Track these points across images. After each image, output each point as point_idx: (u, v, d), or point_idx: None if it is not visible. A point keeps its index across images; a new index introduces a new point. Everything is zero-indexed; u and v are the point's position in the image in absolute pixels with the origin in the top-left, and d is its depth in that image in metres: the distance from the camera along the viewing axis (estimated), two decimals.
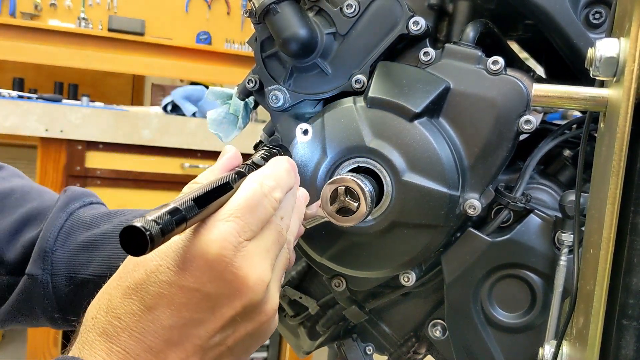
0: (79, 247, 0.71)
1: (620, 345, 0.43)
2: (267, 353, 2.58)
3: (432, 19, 0.64)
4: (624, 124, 0.40)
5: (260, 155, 0.57)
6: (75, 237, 0.71)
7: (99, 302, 0.47)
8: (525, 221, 0.60)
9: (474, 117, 0.59)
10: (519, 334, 0.62)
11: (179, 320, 0.45)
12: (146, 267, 0.45)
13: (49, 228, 0.71)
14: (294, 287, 0.73)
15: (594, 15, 0.60)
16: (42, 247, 0.70)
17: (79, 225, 0.72)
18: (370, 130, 0.59)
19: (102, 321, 0.45)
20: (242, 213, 0.46)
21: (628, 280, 0.42)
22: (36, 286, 0.69)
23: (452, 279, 0.62)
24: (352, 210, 0.55)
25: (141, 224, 0.38)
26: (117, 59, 3.06)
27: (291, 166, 0.55)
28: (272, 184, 0.49)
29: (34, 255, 0.70)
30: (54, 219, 0.72)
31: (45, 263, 0.69)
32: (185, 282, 0.44)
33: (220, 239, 0.44)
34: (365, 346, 0.74)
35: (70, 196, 0.76)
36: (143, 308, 0.44)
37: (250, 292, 0.46)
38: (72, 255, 0.70)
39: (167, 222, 0.39)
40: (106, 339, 0.44)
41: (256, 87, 0.66)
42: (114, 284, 0.47)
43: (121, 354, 0.44)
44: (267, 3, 0.59)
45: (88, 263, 0.70)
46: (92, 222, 0.73)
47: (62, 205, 0.73)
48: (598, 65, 0.43)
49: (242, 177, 0.50)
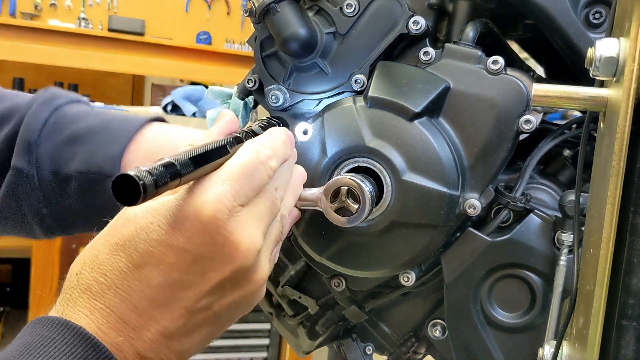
0: (64, 141, 0.69)
1: (620, 345, 0.43)
2: (267, 353, 2.58)
3: (432, 18, 0.64)
4: (624, 124, 0.40)
5: (258, 124, 0.56)
6: (60, 131, 0.69)
7: (84, 257, 0.45)
8: (525, 221, 0.60)
9: (474, 117, 0.59)
10: (518, 334, 0.62)
11: (166, 280, 0.44)
12: (136, 223, 0.44)
13: (32, 121, 0.68)
14: (294, 286, 0.73)
15: (594, 15, 0.60)
16: (25, 139, 0.67)
17: (64, 119, 0.70)
18: (370, 129, 0.59)
19: (86, 277, 0.44)
20: (238, 178, 0.45)
21: (628, 281, 0.42)
22: (22, 180, 0.68)
23: (452, 279, 0.62)
24: (350, 211, 0.55)
25: (134, 173, 0.37)
26: (117, 59, 3.06)
27: (288, 137, 0.54)
28: (268, 152, 0.49)
29: (18, 148, 0.67)
30: (37, 112, 0.69)
31: (30, 156, 0.67)
32: (175, 241, 0.43)
33: (214, 201, 0.43)
34: (365, 346, 0.74)
35: (54, 93, 0.73)
36: (130, 266, 0.43)
37: (241, 257, 0.45)
38: (57, 149, 0.68)
39: (160, 174, 0.38)
40: (90, 296, 0.43)
41: (256, 87, 0.66)
42: (102, 240, 0.45)
43: (105, 312, 0.43)
44: (266, 2, 0.59)
45: (71, 158, 0.68)
46: (78, 117, 0.70)
47: (46, 100, 0.71)
48: (598, 65, 0.43)
49: (239, 142, 0.50)
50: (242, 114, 0.70)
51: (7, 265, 3.30)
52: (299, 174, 0.57)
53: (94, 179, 0.66)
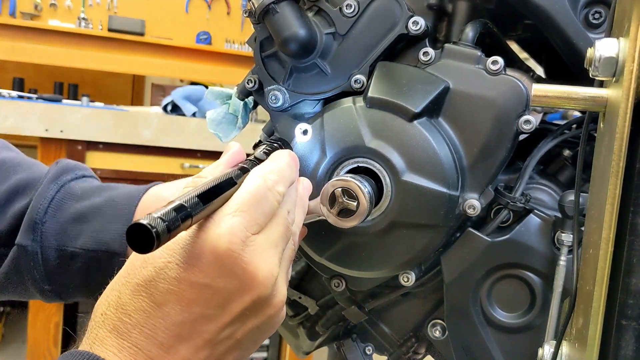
0: (69, 219, 0.70)
1: (620, 345, 0.43)
2: (267, 353, 2.58)
3: (431, 19, 0.64)
4: (624, 124, 0.40)
5: (262, 150, 0.57)
6: (65, 209, 0.70)
7: (108, 298, 0.47)
8: (524, 221, 0.60)
9: (474, 117, 0.59)
10: (518, 334, 0.62)
11: (189, 316, 0.45)
12: (154, 264, 0.45)
13: (39, 199, 0.70)
14: (294, 287, 0.73)
15: (594, 15, 0.60)
16: (32, 217, 0.69)
17: (70, 197, 0.71)
18: (370, 130, 0.59)
19: (112, 317, 0.45)
20: (248, 207, 0.46)
21: (627, 281, 0.42)
22: (26, 257, 0.69)
23: (452, 279, 0.62)
24: (352, 210, 0.55)
25: (147, 222, 0.38)
26: (117, 59, 3.05)
27: (292, 159, 0.55)
28: (275, 177, 0.50)
29: (24, 226, 0.69)
30: (45, 190, 0.71)
31: (35, 234, 0.69)
32: (194, 277, 0.44)
33: (228, 234, 0.44)
34: (365, 346, 0.74)
35: (63, 168, 0.75)
36: (153, 305, 0.44)
37: (260, 286, 0.46)
38: (62, 227, 0.70)
39: (172, 219, 0.39)
40: (117, 335, 0.45)
41: (255, 87, 0.66)
42: (122, 280, 0.47)
43: (132, 350, 0.44)
44: (266, 3, 0.59)
45: (77, 236, 0.69)
46: (83, 195, 0.72)
47: (54, 177, 0.72)
48: (597, 65, 0.43)
49: (246, 172, 0.50)
50: (242, 115, 0.70)
51: None
52: (305, 187, 0.57)
53: (101, 257, 0.67)
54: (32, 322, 2.23)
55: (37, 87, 2.96)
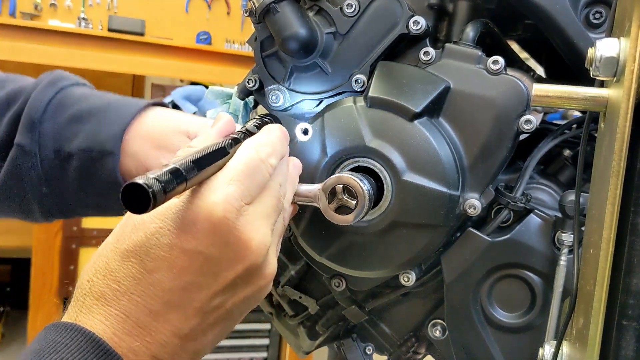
0: (67, 120, 0.69)
1: (620, 345, 0.43)
2: (267, 353, 2.58)
3: (432, 18, 0.64)
4: (624, 124, 0.40)
5: (253, 124, 0.57)
6: (63, 111, 0.70)
7: (95, 265, 0.45)
8: (525, 221, 0.60)
9: (474, 117, 0.59)
10: (518, 334, 0.62)
11: (179, 283, 0.44)
12: (145, 229, 0.44)
13: (36, 100, 0.69)
14: (294, 286, 0.73)
15: (594, 15, 0.60)
16: (29, 117, 0.68)
17: (68, 99, 0.70)
18: (370, 129, 0.59)
19: (99, 284, 0.44)
20: (242, 177, 0.46)
21: (628, 281, 0.42)
22: (24, 156, 0.68)
23: (452, 279, 0.62)
24: (350, 208, 0.55)
25: (143, 181, 0.37)
26: (117, 59, 3.05)
27: (283, 133, 0.55)
28: (267, 150, 0.50)
29: (22, 126, 0.68)
30: (42, 93, 0.70)
31: (33, 134, 0.68)
32: (187, 244, 0.43)
33: (223, 202, 0.44)
34: (365, 346, 0.74)
35: (60, 75, 0.74)
36: (143, 271, 0.44)
37: (253, 255, 0.46)
38: (59, 128, 0.69)
39: (168, 181, 0.39)
40: (104, 303, 0.44)
41: (256, 87, 0.66)
42: (110, 246, 0.45)
43: (120, 317, 0.43)
44: (267, 2, 0.59)
45: (74, 137, 0.68)
46: (81, 98, 0.71)
47: (51, 82, 0.72)
48: (598, 65, 0.43)
49: (237, 143, 0.50)
50: (243, 114, 0.70)
51: (7, 265, 3.30)
52: (295, 165, 0.57)
53: (95, 157, 0.67)
54: (32, 322, 2.23)
55: None
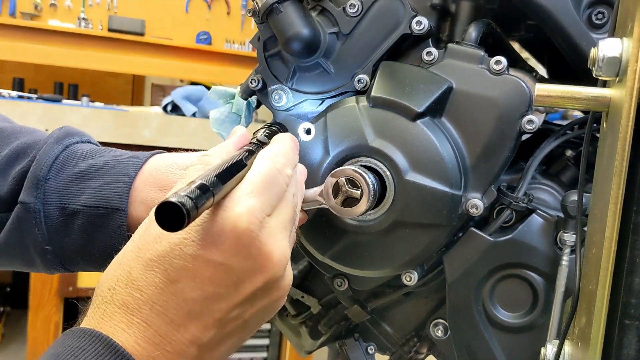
0: (73, 177, 0.70)
1: (623, 344, 0.43)
2: (267, 353, 2.58)
3: (434, 18, 0.64)
4: (627, 124, 0.40)
5: (263, 134, 0.58)
6: (69, 168, 0.70)
7: (116, 272, 0.46)
8: (527, 221, 0.60)
9: (477, 117, 0.59)
10: (520, 334, 0.62)
11: (201, 294, 0.45)
12: (169, 239, 0.45)
13: (43, 157, 0.70)
14: (296, 286, 0.73)
15: (597, 16, 0.60)
16: (35, 175, 0.68)
17: (74, 157, 0.71)
18: (373, 129, 0.59)
19: (121, 293, 0.45)
20: (262, 189, 0.46)
21: (630, 280, 0.43)
22: (28, 215, 0.68)
23: (454, 279, 0.62)
24: (356, 198, 0.55)
25: (177, 200, 0.38)
26: (117, 59, 3.05)
27: (294, 143, 0.56)
28: (283, 160, 0.50)
29: (27, 183, 0.68)
30: (49, 150, 0.70)
31: (38, 192, 0.68)
32: (211, 255, 0.44)
33: (247, 213, 0.44)
34: (367, 346, 0.74)
35: (68, 131, 0.74)
36: (166, 281, 0.44)
37: (274, 267, 0.46)
38: (65, 185, 0.69)
39: (198, 197, 0.40)
40: (126, 311, 0.44)
41: (259, 87, 0.66)
42: (132, 255, 0.46)
43: (142, 326, 0.44)
44: (270, 2, 0.60)
45: (80, 193, 0.69)
46: (87, 155, 0.72)
47: (59, 138, 0.72)
48: (601, 65, 0.43)
49: (252, 154, 0.51)
50: (245, 114, 0.71)
51: None
52: (301, 173, 0.58)
53: (102, 214, 0.67)
54: (32, 322, 2.23)
55: (37, 87, 2.96)
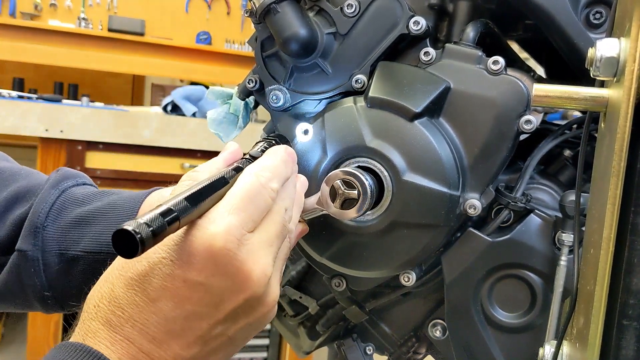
0: (71, 223, 0.70)
1: (621, 345, 0.43)
2: (267, 353, 2.58)
3: (432, 18, 0.64)
4: (624, 124, 0.40)
5: (259, 149, 0.57)
6: (66, 214, 0.70)
7: (101, 290, 0.47)
8: (525, 221, 0.60)
9: (475, 117, 0.59)
10: (519, 334, 0.62)
11: (181, 313, 0.45)
12: (149, 259, 0.45)
13: (40, 204, 0.70)
14: (294, 286, 0.73)
15: (595, 15, 0.60)
16: (32, 222, 0.69)
17: (71, 202, 0.71)
18: (371, 130, 0.59)
19: (105, 310, 0.46)
20: (242, 205, 0.46)
21: (628, 281, 0.42)
22: (26, 263, 0.68)
23: (452, 279, 0.62)
24: (355, 199, 0.55)
25: (132, 228, 0.38)
26: (117, 59, 3.05)
27: (288, 155, 0.54)
28: (267, 174, 0.50)
29: (24, 231, 0.69)
30: (46, 196, 0.71)
31: (35, 239, 0.68)
32: (188, 275, 0.44)
33: (224, 232, 0.44)
34: (366, 346, 0.74)
35: (63, 175, 0.75)
36: (146, 299, 0.45)
37: (253, 286, 0.46)
38: (64, 231, 0.69)
39: (159, 224, 0.40)
40: (110, 329, 0.45)
41: (256, 87, 0.66)
42: (115, 273, 0.47)
43: (124, 343, 0.44)
44: (267, 3, 0.59)
45: (79, 239, 0.69)
46: (84, 200, 0.72)
47: (54, 183, 0.72)
48: (598, 66, 0.43)
49: (239, 171, 0.50)
50: (243, 114, 0.70)
51: None
52: (301, 183, 0.57)
53: (103, 259, 0.67)
54: (32, 321, 2.23)
55: (37, 87, 2.96)
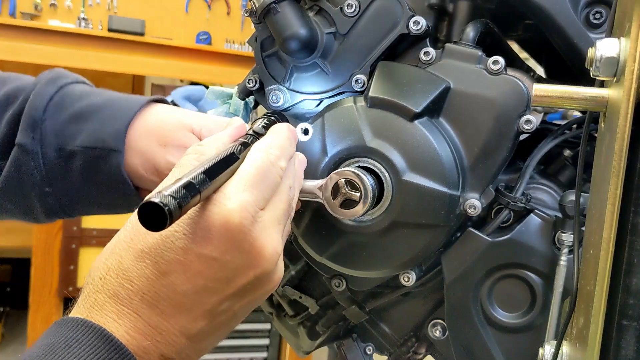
0: (69, 118, 0.69)
1: (620, 345, 0.43)
2: (267, 353, 2.58)
3: (432, 18, 0.64)
4: (624, 124, 0.40)
5: (261, 125, 0.57)
6: (65, 108, 0.70)
7: (107, 262, 0.46)
8: (525, 221, 0.60)
9: (474, 117, 0.59)
10: (519, 334, 0.62)
11: (192, 287, 0.45)
12: (161, 232, 0.44)
13: (37, 98, 0.69)
14: (294, 286, 0.73)
15: (594, 15, 0.60)
16: (31, 115, 0.68)
17: (69, 97, 0.70)
18: (371, 129, 0.59)
19: (112, 282, 0.45)
20: (255, 182, 0.46)
21: (628, 281, 0.42)
22: (26, 157, 0.68)
23: (452, 279, 0.62)
24: (355, 201, 0.55)
25: (159, 200, 0.38)
26: (117, 59, 3.05)
27: (291, 133, 0.55)
28: (277, 152, 0.50)
29: (23, 125, 0.68)
30: (43, 91, 0.70)
31: (34, 133, 0.67)
32: (203, 249, 0.44)
33: (239, 209, 0.44)
34: (365, 346, 0.74)
35: (59, 73, 0.74)
36: (157, 273, 0.44)
37: (266, 263, 0.46)
38: (62, 126, 0.69)
39: (183, 196, 0.40)
40: (117, 301, 0.44)
41: (256, 87, 0.66)
42: (123, 244, 0.46)
43: (132, 317, 0.44)
44: (267, 2, 0.59)
45: (76, 134, 0.68)
46: (82, 95, 0.71)
47: (51, 80, 0.72)
48: (598, 65, 0.43)
49: (247, 147, 0.51)
50: (243, 114, 0.71)
51: (7, 265, 3.29)
52: (300, 162, 0.57)
53: (99, 154, 0.67)
54: (32, 321, 2.23)
55: None
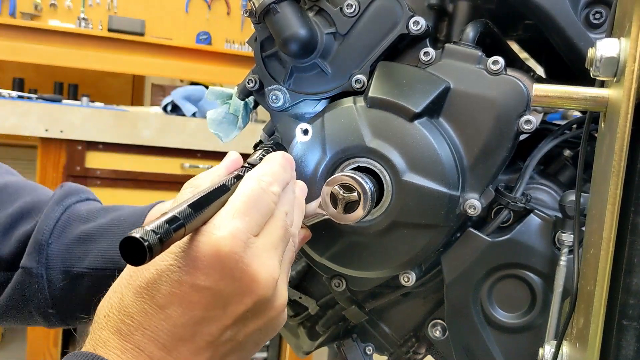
0: (75, 240, 0.70)
1: (621, 345, 0.43)
2: (267, 353, 2.58)
3: (432, 18, 0.64)
4: (624, 124, 0.40)
5: (258, 156, 0.58)
6: (71, 230, 0.71)
7: (111, 300, 0.47)
8: (525, 221, 0.60)
9: (474, 117, 0.59)
10: (518, 334, 0.62)
11: (190, 318, 0.45)
12: (157, 266, 0.45)
13: (44, 221, 0.70)
14: (294, 287, 0.73)
15: (594, 15, 0.60)
16: (37, 240, 0.69)
17: (75, 219, 0.72)
18: (370, 130, 0.59)
19: (115, 319, 0.46)
20: (246, 209, 0.47)
21: (628, 281, 0.42)
22: (30, 280, 0.69)
23: (452, 279, 0.62)
24: (356, 201, 0.55)
25: (140, 235, 0.38)
26: (117, 59, 3.05)
27: (286, 161, 0.55)
28: (268, 179, 0.50)
29: (29, 248, 0.69)
30: (50, 213, 0.71)
31: (40, 256, 0.69)
32: (196, 280, 0.45)
33: (230, 236, 0.45)
34: (365, 346, 0.74)
35: (67, 191, 0.75)
36: (155, 307, 0.45)
37: (261, 289, 0.46)
38: (68, 248, 0.70)
39: (165, 231, 0.40)
40: (120, 337, 0.45)
41: (256, 87, 0.66)
42: (124, 282, 0.47)
43: (135, 352, 0.45)
44: (267, 3, 0.59)
45: (84, 256, 0.69)
46: (88, 216, 0.72)
47: (58, 199, 0.73)
48: (598, 66, 0.43)
49: (239, 179, 0.51)
50: (243, 115, 0.70)
51: None
52: (301, 189, 0.58)
53: (109, 275, 0.68)
54: None
55: (37, 87, 2.96)
